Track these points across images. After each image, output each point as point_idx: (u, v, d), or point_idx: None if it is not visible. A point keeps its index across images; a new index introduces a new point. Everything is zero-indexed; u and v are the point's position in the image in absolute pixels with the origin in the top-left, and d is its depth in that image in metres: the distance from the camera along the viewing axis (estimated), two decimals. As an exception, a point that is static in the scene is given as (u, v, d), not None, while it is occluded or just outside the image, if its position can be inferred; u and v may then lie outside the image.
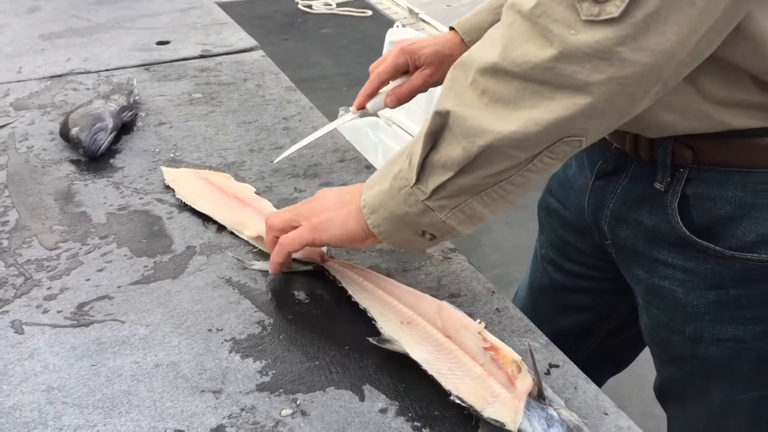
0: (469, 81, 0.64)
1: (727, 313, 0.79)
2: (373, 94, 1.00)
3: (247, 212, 0.91)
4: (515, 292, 1.17)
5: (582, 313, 1.05)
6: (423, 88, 1.00)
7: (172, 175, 1.01)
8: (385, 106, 1.00)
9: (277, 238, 0.77)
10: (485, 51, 0.63)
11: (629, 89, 0.59)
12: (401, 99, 0.99)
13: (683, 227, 0.77)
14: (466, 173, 0.65)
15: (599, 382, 0.69)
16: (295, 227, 0.76)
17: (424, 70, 0.98)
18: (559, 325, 0.87)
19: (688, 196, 0.76)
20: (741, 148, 0.72)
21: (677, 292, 0.81)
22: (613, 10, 0.56)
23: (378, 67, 1.00)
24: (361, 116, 1.01)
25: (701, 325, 0.81)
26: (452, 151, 0.65)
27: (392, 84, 1.01)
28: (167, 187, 0.99)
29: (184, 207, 0.95)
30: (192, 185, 0.98)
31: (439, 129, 0.66)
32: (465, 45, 0.98)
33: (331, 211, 0.75)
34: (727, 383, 0.85)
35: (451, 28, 1.01)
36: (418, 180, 0.67)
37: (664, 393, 0.95)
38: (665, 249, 0.80)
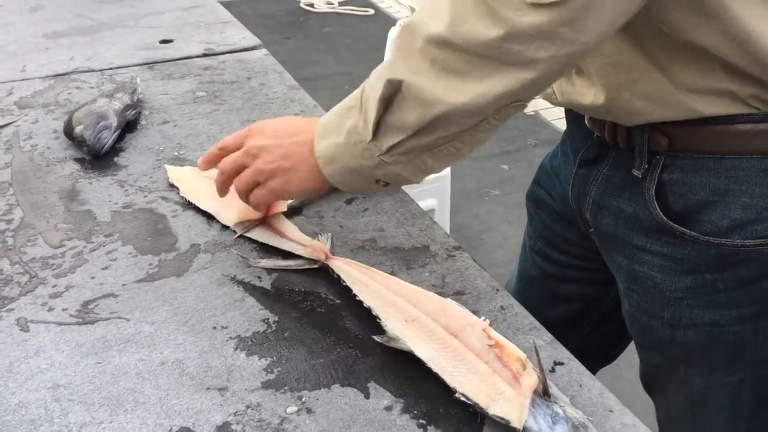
0: (417, 47, 0.67)
1: (703, 297, 0.80)
2: None
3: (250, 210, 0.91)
4: (505, 284, 1.18)
5: (571, 303, 1.06)
6: None
7: (175, 173, 1.01)
8: None
9: (228, 182, 0.83)
10: (432, 19, 0.66)
11: (570, 64, 0.65)
12: None
13: (660, 213, 0.78)
14: (420, 135, 0.70)
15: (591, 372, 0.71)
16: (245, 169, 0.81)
17: None
18: (549, 315, 0.88)
19: (664, 183, 0.77)
20: (713, 136, 0.73)
21: (656, 278, 0.82)
22: None
23: None
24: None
25: (679, 309, 0.82)
26: (407, 116, 0.69)
27: None
28: (171, 186, 0.99)
29: (189, 205, 0.95)
30: (195, 183, 0.98)
31: (391, 96, 0.69)
32: None
33: (283, 174, 0.78)
34: (706, 368, 0.86)
35: None
36: (374, 138, 0.71)
37: (648, 382, 0.96)
38: (644, 235, 0.81)
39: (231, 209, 0.91)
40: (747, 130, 0.72)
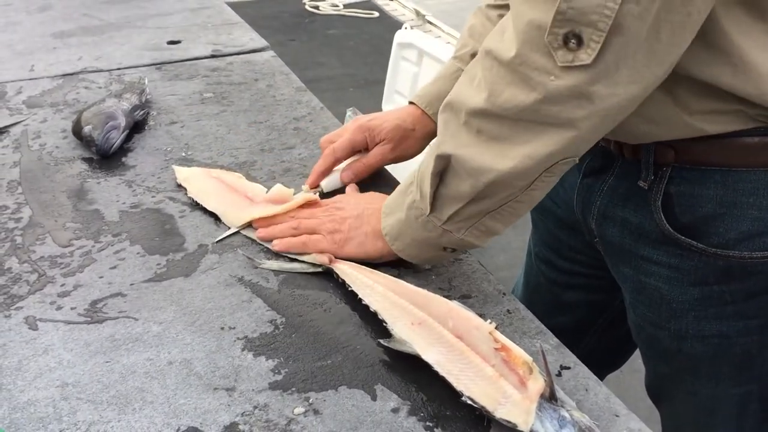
0: (461, 122, 0.70)
1: (711, 309, 0.81)
2: (327, 171, 0.98)
3: (255, 209, 0.92)
4: (511, 291, 1.18)
5: (576, 310, 1.06)
6: (381, 164, 1.00)
7: (183, 174, 1.01)
8: (341, 182, 0.98)
9: (294, 229, 0.85)
10: (471, 94, 0.69)
11: (611, 117, 0.65)
12: (358, 175, 0.98)
13: (667, 225, 0.78)
14: (476, 202, 0.72)
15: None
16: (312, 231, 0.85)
17: (384, 146, 0.98)
18: (555, 322, 0.89)
19: (671, 194, 0.77)
20: (720, 149, 0.73)
21: (662, 289, 0.82)
22: (585, 57, 0.60)
23: (333, 143, 0.98)
24: (314, 195, 0.93)
25: (686, 321, 0.82)
26: (460, 186, 0.72)
27: (346, 161, 0.99)
28: (179, 186, 1.00)
29: (196, 206, 0.95)
30: (203, 184, 0.99)
31: (443, 169, 0.73)
32: (427, 117, 0.98)
33: (349, 230, 0.83)
34: (713, 379, 0.86)
35: (411, 102, 1.01)
36: (433, 210, 0.75)
37: (654, 391, 0.96)
38: (650, 246, 0.81)
39: (237, 211, 0.92)
40: (754, 143, 0.72)
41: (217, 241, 0.88)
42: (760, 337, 0.81)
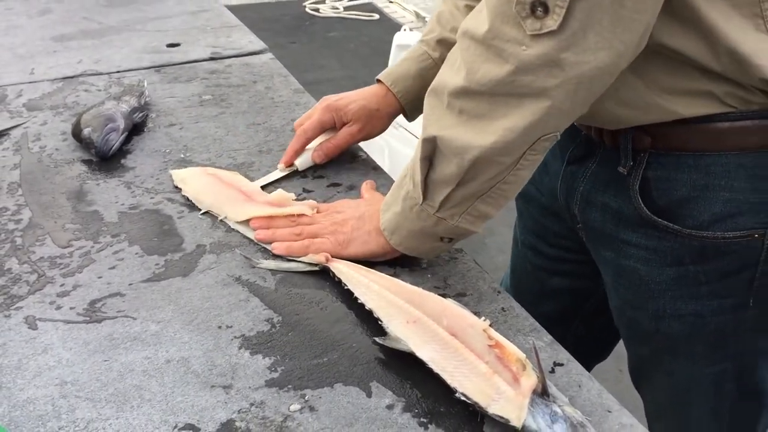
0: (445, 105, 0.72)
1: (686, 289, 0.84)
2: (301, 150, 1.04)
3: (252, 207, 0.93)
4: (500, 281, 1.20)
5: (562, 296, 1.08)
6: (350, 143, 1.06)
7: (180, 176, 1.02)
8: (313, 162, 1.04)
9: (296, 234, 0.86)
10: (451, 76, 0.71)
11: (584, 86, 0.66)
12: (329, 155, 1.04)
13: (645, 208, 0.81)
14: (464, 184, 0.74)
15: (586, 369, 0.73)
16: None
17: (351, 126, 1.04)
18: (541, 309, 0.93)
19: (648, 179, 0.80)
20: (693, 134, 0.76)
21: (641, 270, 0.85)
22: (551, 23, 0.63)
23: (303, 124, 1.04)
24: (289, 172, 1.03)
25: (663, 301, 0.85)
26: (447, 168, 0.73)
27: (318, 140, 1.05)
28: (177, 188, 1.01)
29: (194, 206, 0.96)
30: (198, 182, 1.00)
31: (431, 152, 0.74)
32: (393, 96, 1.03)
33: (351, 231, 0.84)
34: (689, 358, 0.89)
35: (378, 81, 1.05)
36: (425, 197, 0.76)
37: (635, 374, 0.99)
38: (630, 229, 0.84)
39: (234, 207, 0.93)
40: (725, 128, 0.75)
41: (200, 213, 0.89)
42: (733, 316, 0.84)
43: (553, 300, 1.08)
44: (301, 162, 1.04)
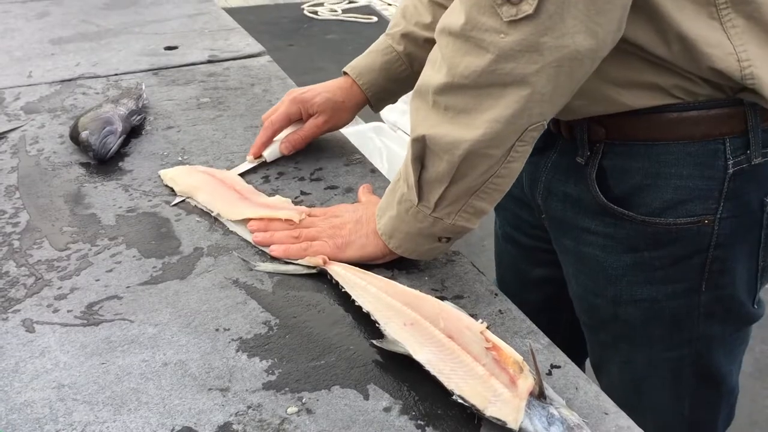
0: (430, 104, 0.73)
1: (642, 274, 0.86)
2: (268, 142, 1.06)
3: (244, 204, 0.94)
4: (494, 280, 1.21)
5: (545, 287, 1.09)
6: (316, 135, 1.08)
7: (169, 175, 1.03)
8: (281, 153, 1.07)
9: (294, 238, 0.86)
10: (433, 75, 0.72)
11: (565, 71, 0.67)
12: (296, 146, 1.07)
13: (601, 196, 0.84)
14: (457, 181, 0.74)
15: (579, 365, 0.74)
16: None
17: (317, 118, 1.06)
18: (528, 300, 0.96)
19: (604, 168, 0.83)
20: (644, 124, 0.79)
21: (599, 257, 0.88)
22: (527, 8, 0.64)
23: (271, 116, 1.06)
24: (257, 164, 1.06)
25: (620, 287, 0.88)
26: (439, 166, 0.74)
27: (285, 131, 1.07)
28: (168, 188, 1.01)
29: (192, 209, 0.96)
30: (189, 180, 1.00)
31: (421, 153, 0.75)
32: (358, 88, 1.05)
33: (349, 234, 0.84)
34: (646, 344, 0.91)
35: (344, 73, 1.07)
36: (420, 198, 0.77)
37: (595, 362, 1.01)
38: (589, 217, 0.87)
39: (229, 206, 0.94)
40: (673, 118, 0.78)
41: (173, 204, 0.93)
42: (687, 301, 0.86)
43: (537, 291, 1.10)
44: (269, 153, 1.06)
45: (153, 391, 0.68)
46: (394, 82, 1.06)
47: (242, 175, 1.04)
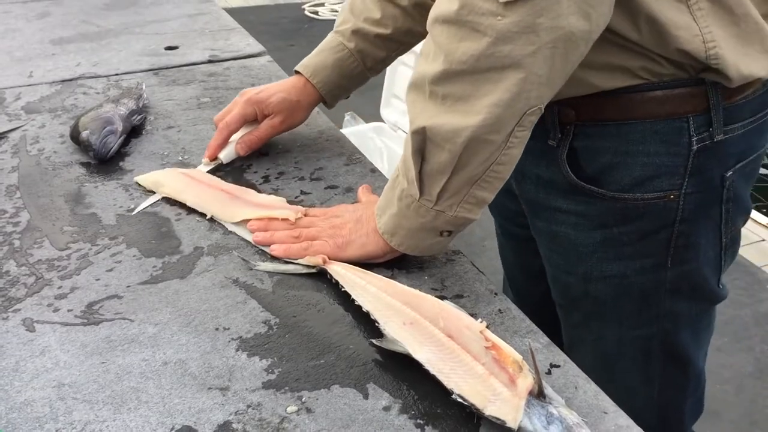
0: (427, 95, 0.73)
1: (611, 250, 0.89)
2: (224, 144, 1.06)
3: (238, 203, 0.94)
4: (501, 287, 1.22)
5: (544, 276, 1.09)
6: (272, 135, 1.09)
7: (149, 180, 1.02)
8: (236, 154, 1.07)
9: (295, 237, 0.86)
10: (429, 65, 0.72)
11: (560, 52, 0.68)
12: (252, 147, 1.08)
13: (573, 176, 0.87)
14: (459, 170, 0.74)
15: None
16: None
17: (273, 119, 1.07)
18: (535, 292, 0.99)
19: (575, 149, 0.85)
20: (612, 105, 0.82)
21: (571, 235, 0.91)
22: None
23: (225, 118, 1.07)
24: (214, 166, 1.06)
25: (591, 263, 0.91)
26: (440, 157, 0.74)
27: (240, 132, 1.07)
28: (149, 192, 1.00)
29: (192, 209, 0.96)
30: (176, 183, 1.00)
31: (421, 145, 0.74)
32: (312, 87, 1.07)
33: (350, 234, 0.85)
34: (616, 321, 0.94)
35: (297, 72, 1.08)
36: (422, 192, 0.76)
37: (567, 342, 1.03)
38: (561, 197, 0.90)
39: (223, 207, 0.94)
40: (640, 98, 0.81)
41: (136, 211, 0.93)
42: (654, 276, 0.89)
43: (542, 280, 1.09)
44: (226, 155, 1.06)
45: (153, 390, 0.68)
46: (347, 78, 1.08)
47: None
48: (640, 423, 0.64)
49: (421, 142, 0.74)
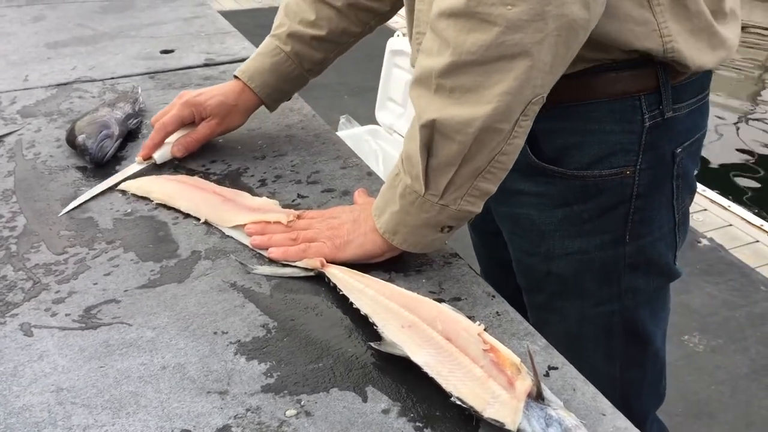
0: (433, 90, 0.73)
1: (572, 227, 0.92)
2: (159, 144, 1.07)
3: (230, 206, 0.94)
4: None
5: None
6: (209, 138, 1.10)
7: (134, 186, 1.02)
8: (172, 155, 1.08)
9: (293, 240, 0.87)
10: (434, 60, 0.72)
11: (563, 40, 0.69)
12: (188, 149, 1.09)
13: (533, 158, 0.89)
14: (467, 162, 0.75)
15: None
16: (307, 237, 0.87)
17: (210, 121, 1.09)
18: (514, 284, 0.98)
19: (535, 132, 0.84)
20: (571, 88, 0.83)
21: (533, 216, 0.93)
22: None
23: (162, 119, 1.08)
24: (146, 166, 1.06)
25: (552, 241, 0.93)
26: (449, 149, 0.74)
27: (177, 134, 1.08)
28: (138, 197, 1.00)
29: (188, 213, 0.96)
30: (165, 188, 1.00)
31: (430, 138, 0.75)
32: (250, 91, 1.08)
33: (348, 234, 0.85)
34: (578, 298, 0.96)
35: (235, 77, 1.09)
36: (427, 187, 0.77)
37: (535, 328, 1.01)
38: (522, 180, 0.91)
39: (217, 211, 0.94)
40: (596, 80, 0.84)
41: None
42: (614, 252, 0.92)
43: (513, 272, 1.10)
44: (160, 155, 1.07)
45: (151, 394, 0.68)
46: (286, 81, 1.09)
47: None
48: None
49: (430, 135, 0.74)
